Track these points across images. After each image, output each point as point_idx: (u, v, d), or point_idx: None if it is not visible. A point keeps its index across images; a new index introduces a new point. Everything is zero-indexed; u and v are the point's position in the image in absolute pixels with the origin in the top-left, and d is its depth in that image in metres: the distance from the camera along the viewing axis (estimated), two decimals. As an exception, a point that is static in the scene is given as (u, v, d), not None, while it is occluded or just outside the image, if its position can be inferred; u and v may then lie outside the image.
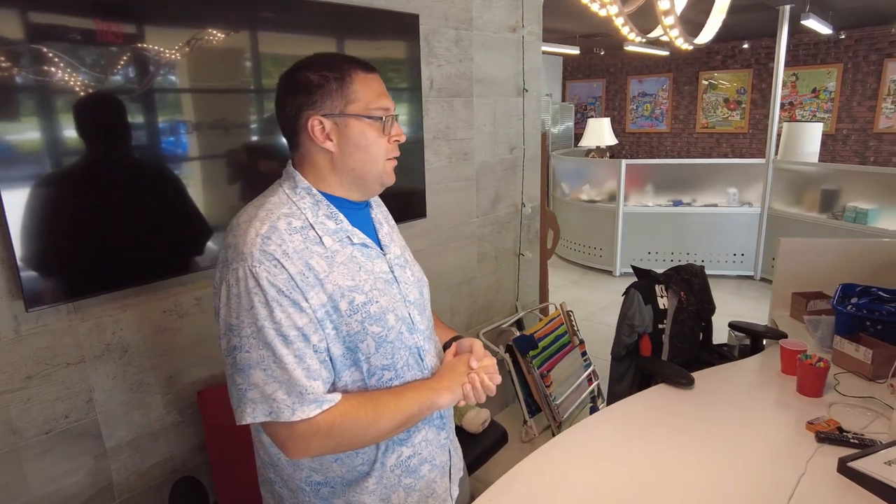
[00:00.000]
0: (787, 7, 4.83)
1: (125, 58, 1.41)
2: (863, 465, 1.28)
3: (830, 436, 1.44)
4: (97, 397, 1.50)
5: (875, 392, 1.68)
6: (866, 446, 1.38)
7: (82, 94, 1.35)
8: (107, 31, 1.37)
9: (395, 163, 1.04)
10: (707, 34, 1.77)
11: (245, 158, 1.72)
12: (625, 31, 1.83)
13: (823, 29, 5.52)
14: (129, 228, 1.47)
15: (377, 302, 0.98)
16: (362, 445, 0.99)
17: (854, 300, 2.01)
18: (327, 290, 0.92)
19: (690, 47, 1.89)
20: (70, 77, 1.32)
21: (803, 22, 5.08)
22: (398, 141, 1.02)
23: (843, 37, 6.73)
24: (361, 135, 0.97)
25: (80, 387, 1.47)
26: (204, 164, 1.63)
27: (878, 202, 4.47)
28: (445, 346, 1.21)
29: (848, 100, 6.91)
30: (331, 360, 0.95)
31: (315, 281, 0.91)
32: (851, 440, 1.42)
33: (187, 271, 1.62)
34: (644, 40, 1.88)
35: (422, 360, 1.07)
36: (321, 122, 0.95)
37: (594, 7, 1.79)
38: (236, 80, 1.67)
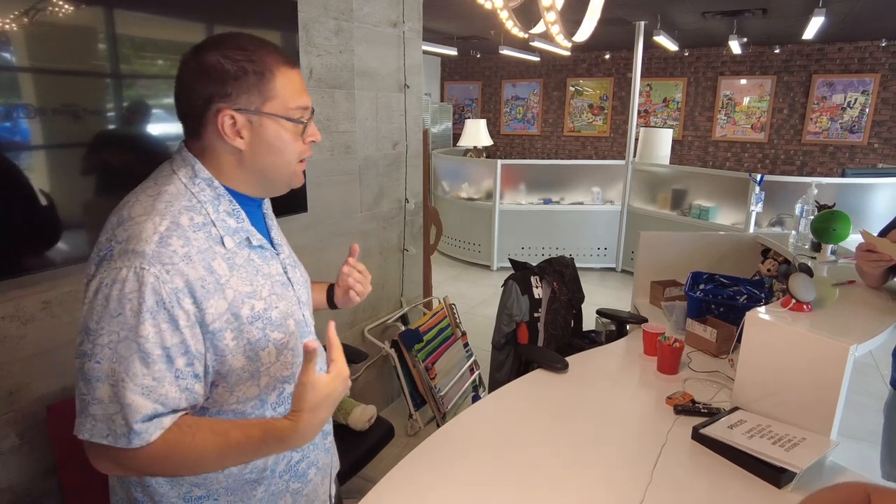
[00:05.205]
0: (642, 23, 5.35)
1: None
2: (711, 430, 1.44)
3: (685, 408, 1.61)
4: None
5: (720, 367, 1.90)
6: (713, 414, 1.56)
7: None
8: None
9: (305, 164, 0.96)
10: (584, 32, 1.86)
11: (102, 148, 1.54)
12: (508, 25, 1.89)
13: (671, 45, 6.14)
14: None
15: (276, 307, 0.93)
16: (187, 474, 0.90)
17: (702, 286, 2.25)
18: (228, 296, 0.85)
19: (569, 44, 1.99)
20: None
21: (655, 38, 5.63)
22: (314, 142, 0.95)
23: (686, 54, 7.55)
24: (277, 136, 0.88)
25: None
26: (52, 152, 1.44)
27: (716, 201, 5.07)
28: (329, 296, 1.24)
29: (691, 110, 7.76)
30: (226, 375, 0.87)
31: (216, 287, 0.83)
32: (702, 410, 1.60)
33: (30, 271, 1.43)
34: (527, 36, 1.96)
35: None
36: (233, 118, 0.85)
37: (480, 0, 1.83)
38: (89, 62, 1.50)
